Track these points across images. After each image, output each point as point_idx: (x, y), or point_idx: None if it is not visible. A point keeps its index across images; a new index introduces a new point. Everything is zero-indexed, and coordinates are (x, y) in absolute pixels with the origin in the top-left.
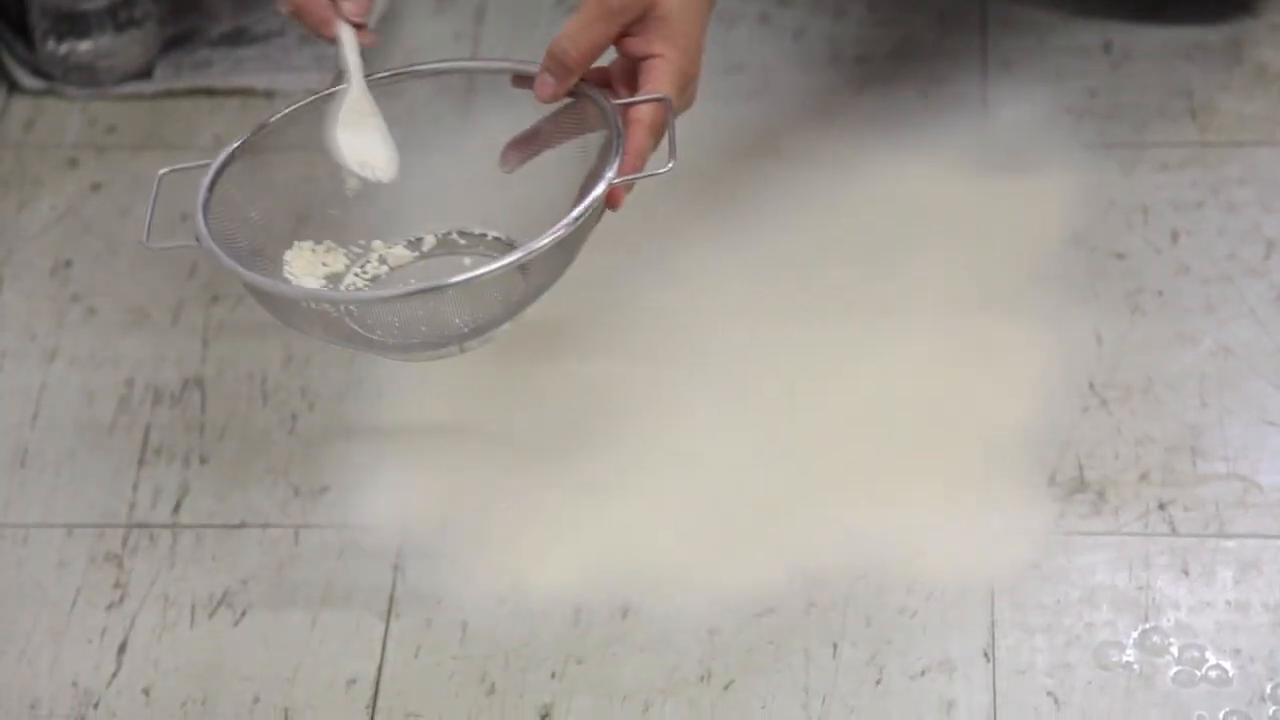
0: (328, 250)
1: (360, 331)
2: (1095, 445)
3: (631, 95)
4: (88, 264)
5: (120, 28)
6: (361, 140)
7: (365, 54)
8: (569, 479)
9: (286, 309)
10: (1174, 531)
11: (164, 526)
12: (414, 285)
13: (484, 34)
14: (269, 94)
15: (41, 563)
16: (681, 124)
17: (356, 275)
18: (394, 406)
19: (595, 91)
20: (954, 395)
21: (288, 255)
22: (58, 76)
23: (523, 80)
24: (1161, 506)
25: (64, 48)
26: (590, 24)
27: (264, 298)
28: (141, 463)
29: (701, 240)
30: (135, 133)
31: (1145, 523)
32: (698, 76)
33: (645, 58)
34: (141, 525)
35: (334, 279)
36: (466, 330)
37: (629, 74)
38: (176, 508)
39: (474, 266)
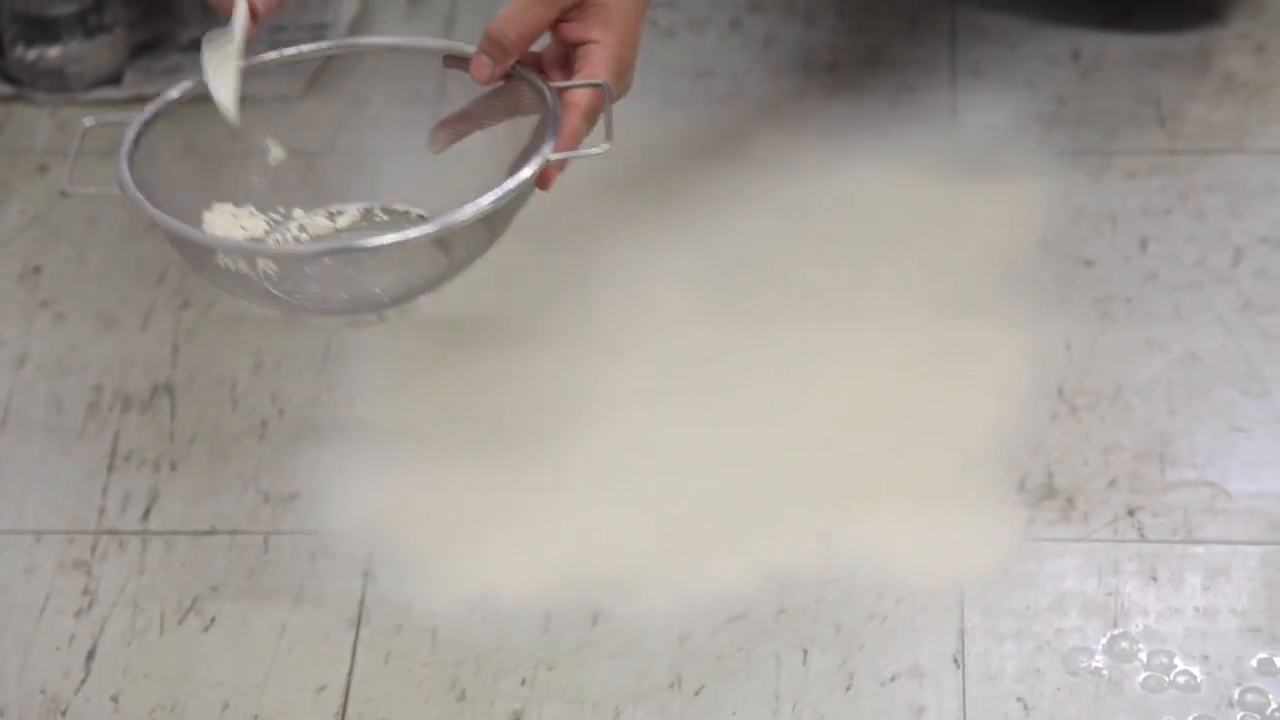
0: (249, 215)
1: (276, 293)
2: (1064, 452)
3: (565, 80)
4: (57, 269)
5: (90, 33)
6: (223, 80)
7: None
8: (540, 484)
9: (203, 262)
10: (1143, 538)
11: (133, 533)
12: (332, 244)
13: (455, 38)
14: (240, 98)
15: (9, 569)
16: (651, 129)
17: (275, 242)
18: (365, 413)
19: (532, 74)
20: (924, 402)
21: (207, 215)
22: (27, 82)
23: (455, 60)
24: (1130, 513)
25: (33, 53)
26: (529, 7)
27: (181, 246)
28: (111, 469)
29: (672, 244)
30: (105, 139)
31: (1114, 529)
32: (634, 63)
33: (582, 43)
34: (111, 531)
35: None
36: (386, 299)
37: (563, 59)
38: (146, 514)
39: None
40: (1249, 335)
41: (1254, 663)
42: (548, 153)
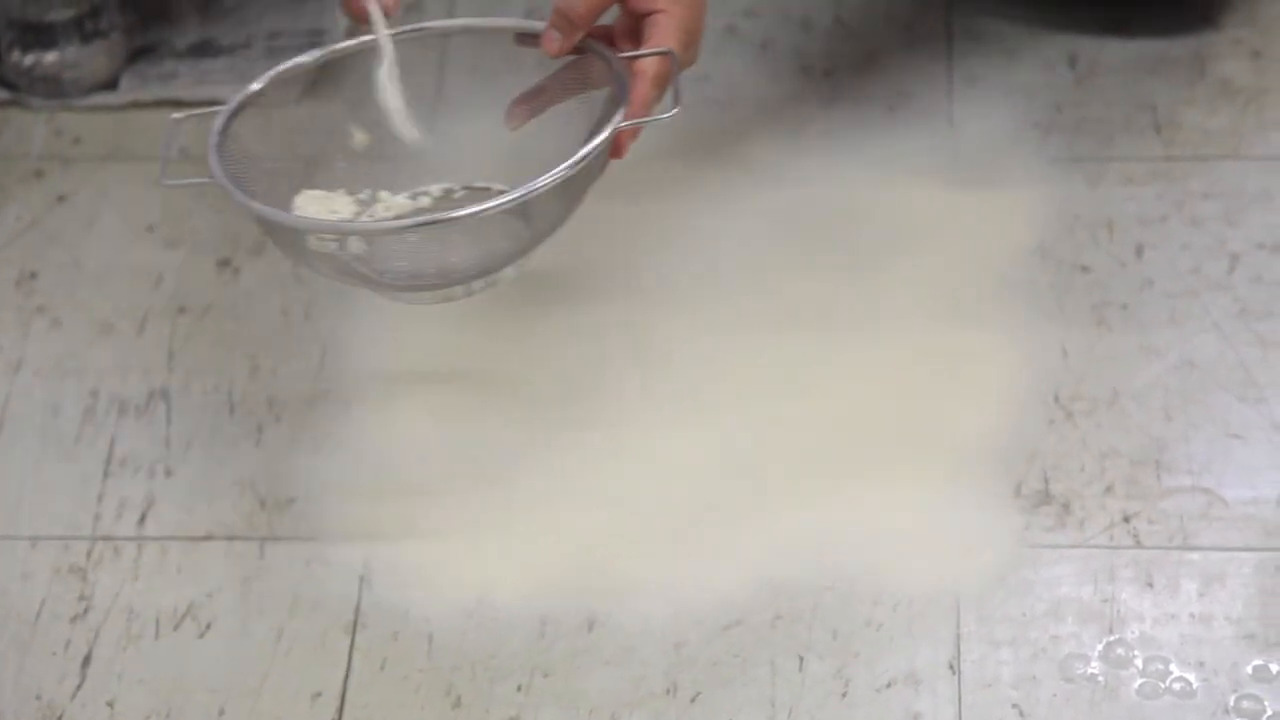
0: (338, 198)
1: (367, 272)
2: (1061, 458)
3: (635, 50)
4: (53, 275)
5: (86, 39)
6: (397, 99)
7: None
8: (535, 491)
9: (295, 245)
10: (1139, 544)
11: (129, 539)
12: (416, 218)
13: (450, 43)
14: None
15: (5, 574)
16: (647, 133)
17: (362, 221)
18: (360, 419)
19: (600, 46)
20: (920, 408)
21: (297, 201)
22: (23, 87)
23: (526, 38)
24: (1126, 519)
25: (29, 59)
26: None
27: (274, 230)
28: (106, 474)
29: (666, 249)
30: (101, 144)
31: (1110, 535)
32: (701, 32)
33: (649, 14)
34: (106, 537)
35: None
36: (473, 272)
37: (632, 31)
38: (142, 520)
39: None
40: (1245, 341)
41: (1249, 669)
42: (618, 122)
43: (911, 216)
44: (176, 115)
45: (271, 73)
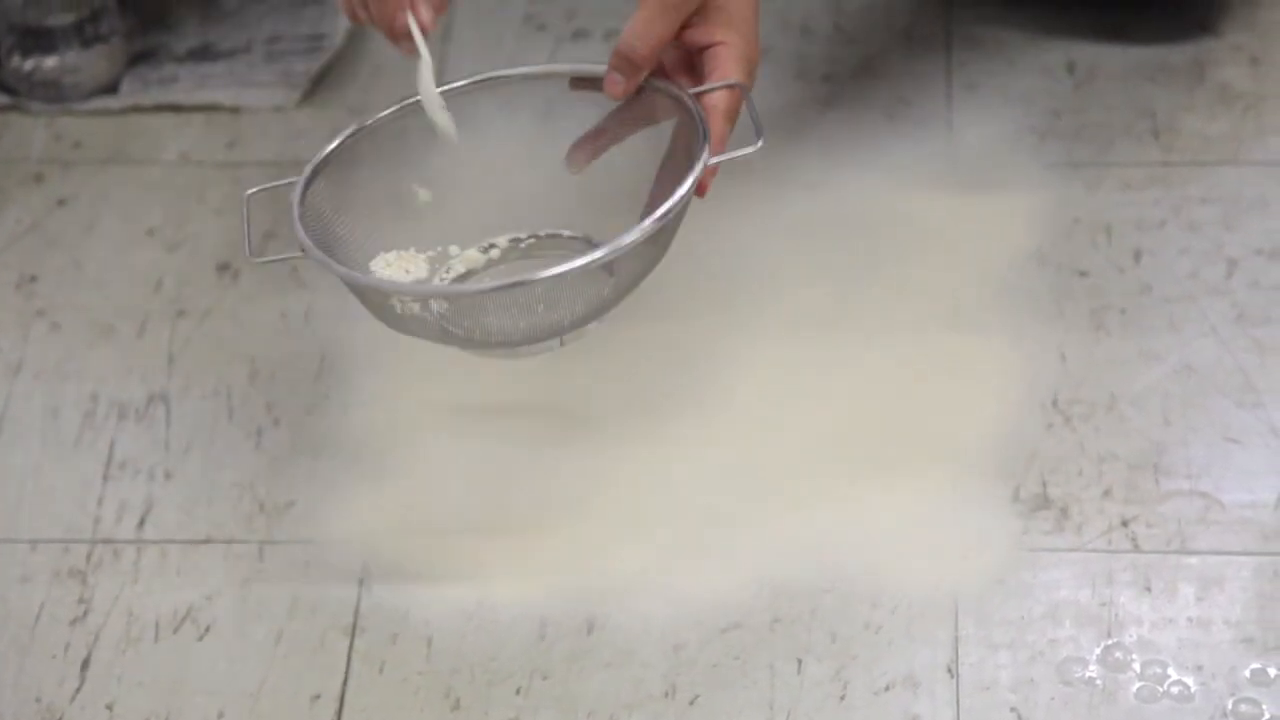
0: (410, 258)
1: (455, 331)
2: (1059, 462)
3: (692, 83)
4: (53, 279)
5: (86, 43)
6: (437, 105)
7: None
8: (535, 493)
9: (389, 312)
10: (1137, 548)
11: (128, 542)
12: (499, 280)
13: (450, 52)
14: (235, 110)
15: (5, 577)
16: (646, 139)
17: (447, 283)
18: (360, 422)
19: (665, 83)
20: (919, 412)
21: (373, 264)
22: (23, 92)
23: (581, 83)
24: (1124, 523)
25: (30, 63)
26: (655, 19)
27: (368, 296)
28: (106, 477)
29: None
30: (101, 148)
31: (1108, 539)
32: (759, 60)
33: (708, 46)
34: (106, 540)
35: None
36: (565, 325)
37: (686, 63)
38: (141, 523)
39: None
40: (1243, 347)
41: (1247, 673)
42: (705, 159)
43: (910, 222)
44: (251, 191)
45: (336, 141)
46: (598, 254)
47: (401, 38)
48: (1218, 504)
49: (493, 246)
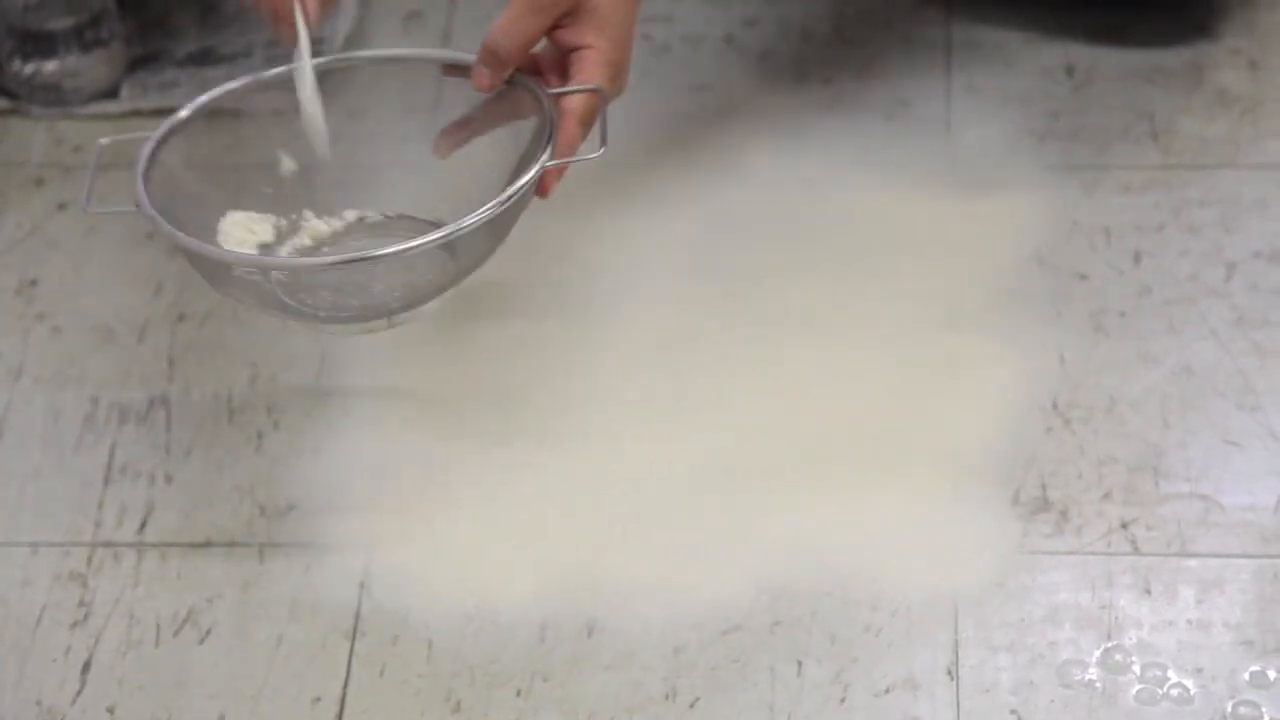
0: (259, 222)
1: (290, 302)
2: (1058, 464)
3: (562, 83)
4: (53, 283)
5: (86, 48)
6: (316, 117)
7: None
8: (535, 496)
9: (219, 275)
10: (1136, 551)
11: (129, 545)
12: (343, 255)
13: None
14: (235, 114)
15: (5, 581)
16: (647, 143)
17: (287, 248)
18: (360, 425)
19: (530, 81)
20: (919, 414)
21: (221, 224)
22: (23, 96)
23: (453, 69)
24: (1124, 526)
25: (30, 67)
26: (523, 17)
27: (197, 262)
28: (107, 481)
29: (665, 257)
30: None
31: (1108, 542)
32: (628, 65)
33: (576, 48)
34: (106, 544)
35: (264, 251)
36: (396, 305)
37: (559, 62)
38: (142, 526)
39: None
40: (1242, 349)
41: (1247, 675)
42: (545, 160)
43: (910, 224)
44: (104, 139)
45: (199, 100)
46: (431, 236)
47: (283, 22)
48: (1217, 506)
49: (337, 220)
